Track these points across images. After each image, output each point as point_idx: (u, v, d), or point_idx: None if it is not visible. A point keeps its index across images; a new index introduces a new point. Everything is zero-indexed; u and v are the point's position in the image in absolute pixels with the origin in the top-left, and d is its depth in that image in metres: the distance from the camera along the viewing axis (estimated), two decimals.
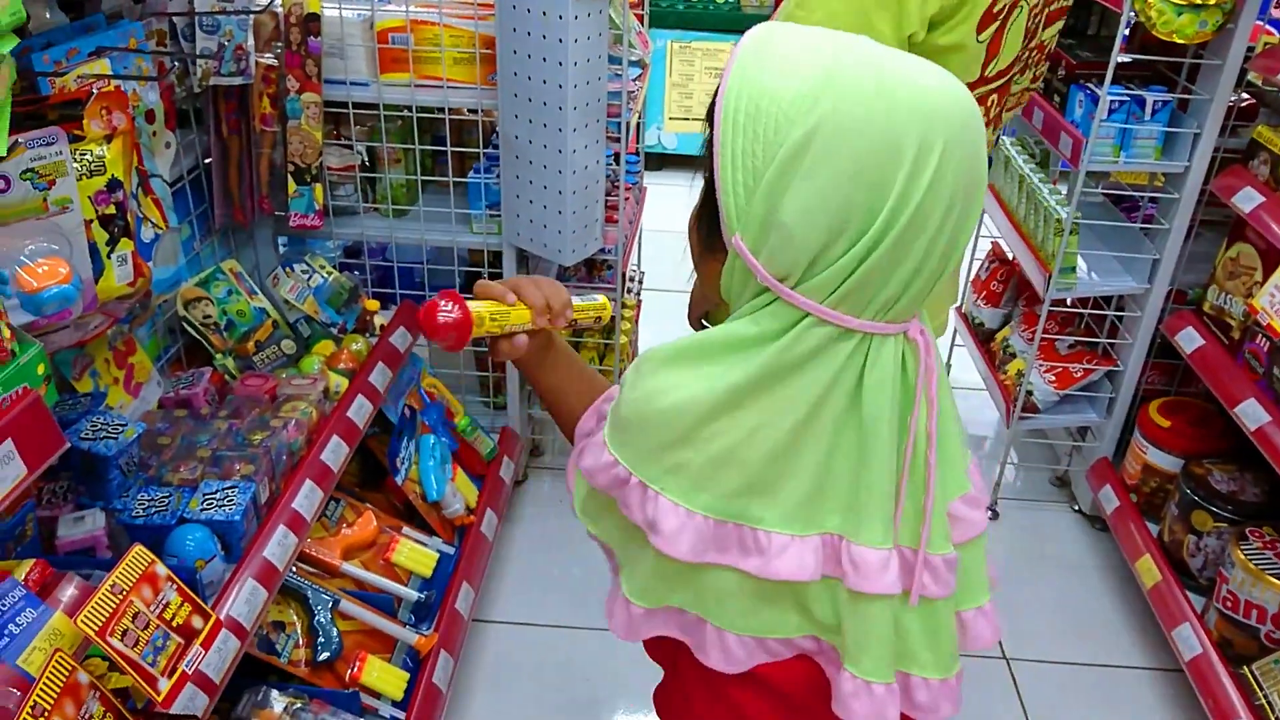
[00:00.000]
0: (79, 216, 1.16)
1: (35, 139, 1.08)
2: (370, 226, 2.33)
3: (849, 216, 0.74)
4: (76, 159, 1.19)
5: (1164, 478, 2.28)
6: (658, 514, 0.82)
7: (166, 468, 1.58)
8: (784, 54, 0.78)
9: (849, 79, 0.75)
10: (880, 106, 0.73)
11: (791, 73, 0.76)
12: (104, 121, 1.22)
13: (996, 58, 1.39)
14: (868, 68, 0.75)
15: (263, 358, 2.00)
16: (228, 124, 2.00)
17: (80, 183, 1.19)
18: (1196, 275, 2.35)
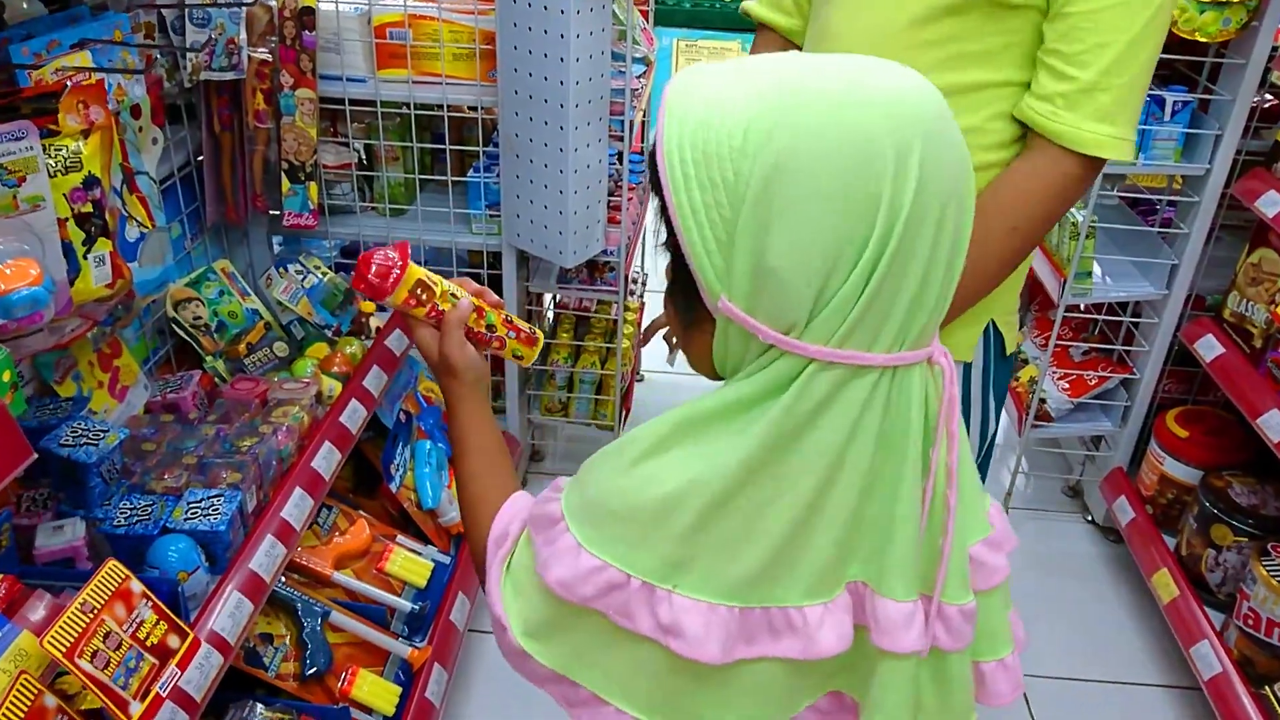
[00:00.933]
0: (52, 215, 1.11)
1: (3, 134, 1.02)
2: (367, 226, 2.28)
3: (842, 242, 0.66)
4: (51, 154, 1.14)
5: (1182, 489, 2.22)
6: (677, 616, 0.72)
7: (150, 475, 1.53)
8: (715, 88, 0.69)
9: (801, 96, 0.67)
10: (844, 118, 0.65)
11: (731, 105, 0.68)
12: (81, 116, 1.17)
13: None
14: (815, 79, 0.68)
15: (254, 360, 1.94)
16: (220, 120, 1.95)
17: (55, 179, 1.14)
18: (1216, 281, 2.28)
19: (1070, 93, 1.13)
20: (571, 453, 2.72)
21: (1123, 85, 1.13)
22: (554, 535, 0.77)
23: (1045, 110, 1.15)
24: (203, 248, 2.06)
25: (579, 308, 2.63)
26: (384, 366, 2.02)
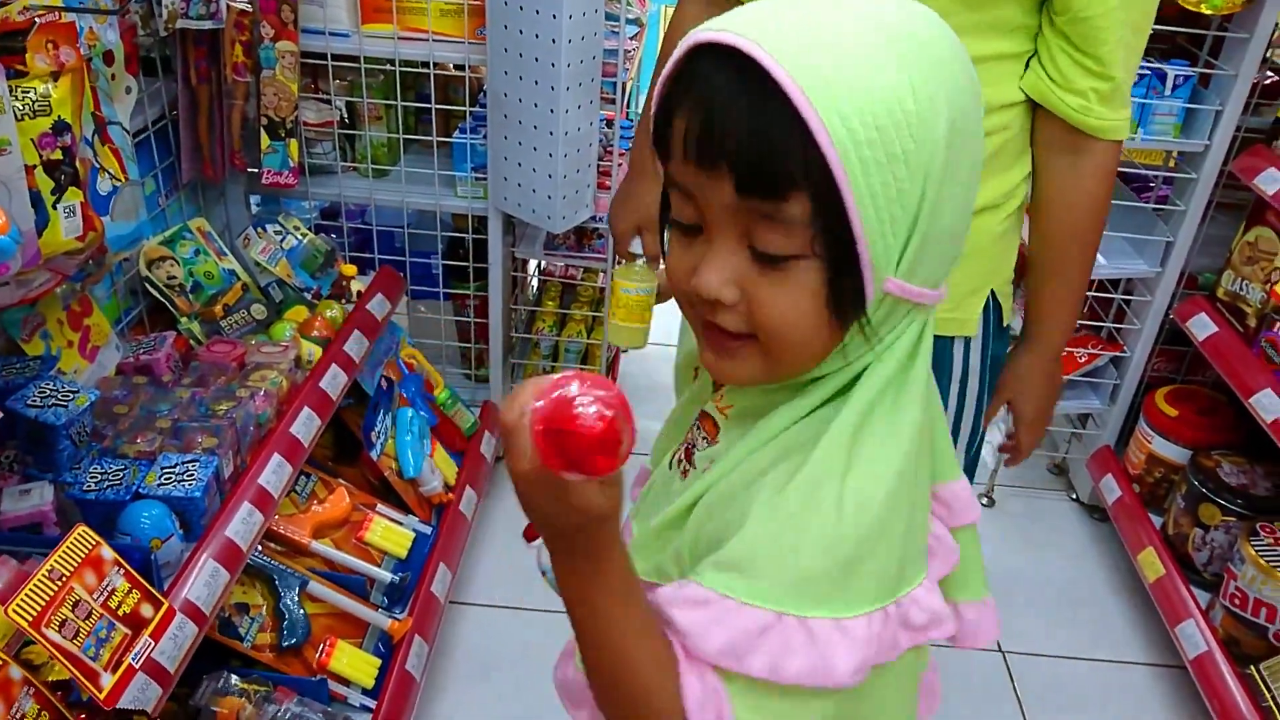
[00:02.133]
0: (19, 160, 1.04)
1: None
2: (349, 187, 2.21)
3: (976, 179, 0.68)
4: (18, 97, 1.07)
5: (1170, 468, 2.21)
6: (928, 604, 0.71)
7: (123, 438, 1.47)
8: (846, 48, 0.61)
9: (932, 49, 0.64)
10: (965, 67, 0.66)
11: (874, 66, 0.60)
12: (50, 57, 1.10)
13: None
14: (917, 26, 0.64)
15: (231, 322, 1.88)
16: (197, 72, 1.87)
17: (22, 123, 1.07)
18: (1210, 260, 2.26)
19: (1105, 90, 1.15)
20: None
21: (1134, 68, 1.18)
22: (790, 640, 0.64)
23: (1079, 105, 1.15)
24: (177, 205, 1.98)
25: (565, 275, 2.57)
26: (365, 331, 1.97)
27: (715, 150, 0.62)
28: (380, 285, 2.11)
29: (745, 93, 0.60)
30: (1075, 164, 1.20)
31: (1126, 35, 1.13)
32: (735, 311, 0.67)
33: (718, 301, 0.67)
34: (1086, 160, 1.20)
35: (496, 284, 2.26)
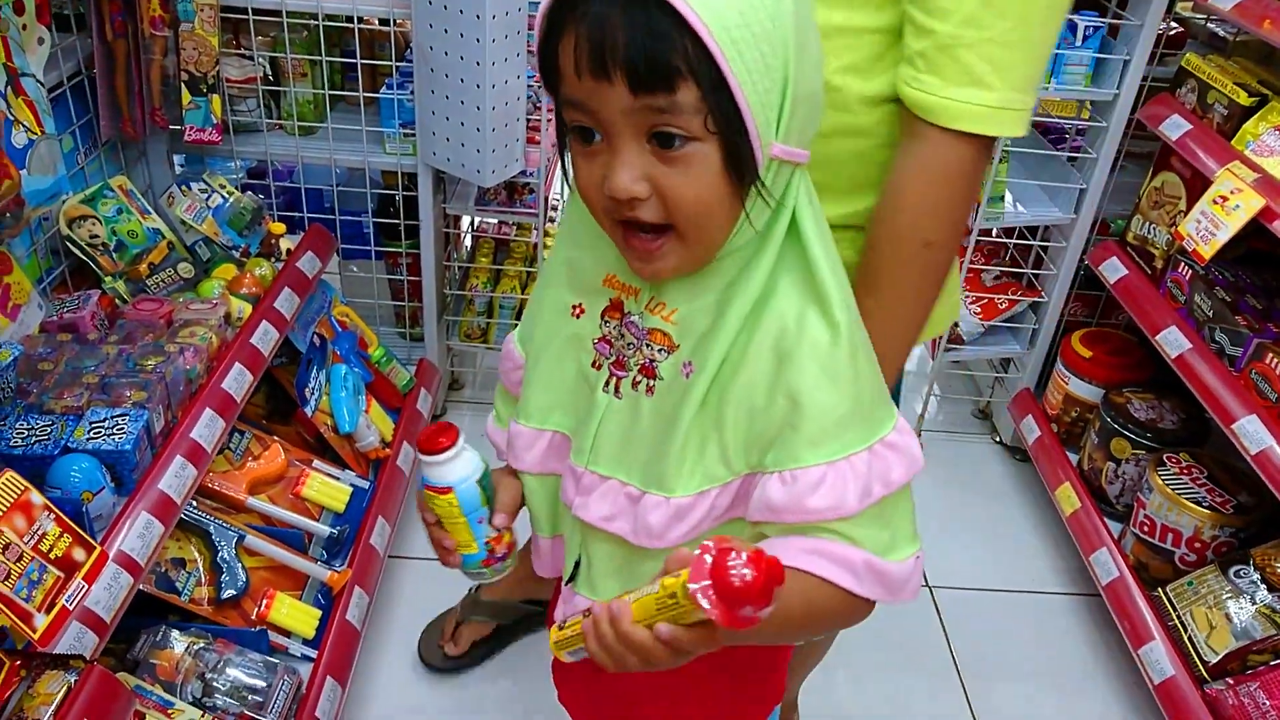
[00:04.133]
0: None
1: None
2: (275, 145, 2.19)
3: (817, 48, 0.76)
4: None
5: (1085, 407, 2.31)
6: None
7: (49, 394, 1.46)
8: None
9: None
10: None
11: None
12: None
13: None
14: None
15: (157, 281, 1.86)
16: (113, 26, 1.83)
17: None
18: (1121, 207, 2.35)
19: (929, 51, 0.94)
20: (490, 380, 2.68)
21: (992, 40, 0.92)
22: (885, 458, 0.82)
23: (908, 75, 0.96)
24: (97, 164, 1.95)
25: (498, 233, 2.58)
26: (296, 289, 1.96)
27: (609, 59, 0.69)
28: (310, 243, 2.09)
29: (627, 5, 0.68)
30: (907, 153, 0.99)
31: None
32: (650, 205, 0.75)
33: (633, 198, 0.74)
34: (918, 149, 0.98)
35: (428, 241, 2.25)
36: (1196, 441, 2.08)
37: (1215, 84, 1.97)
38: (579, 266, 0.92)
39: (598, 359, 0.90)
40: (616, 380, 0.89)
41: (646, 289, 0.86)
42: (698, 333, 0.83)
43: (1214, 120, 1.96)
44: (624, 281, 0.88)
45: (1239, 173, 1.78)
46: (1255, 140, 1.84)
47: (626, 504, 0.88)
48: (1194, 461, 1.96)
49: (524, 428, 0.97)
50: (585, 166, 0.77)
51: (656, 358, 0.86)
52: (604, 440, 0.90)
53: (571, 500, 0.93)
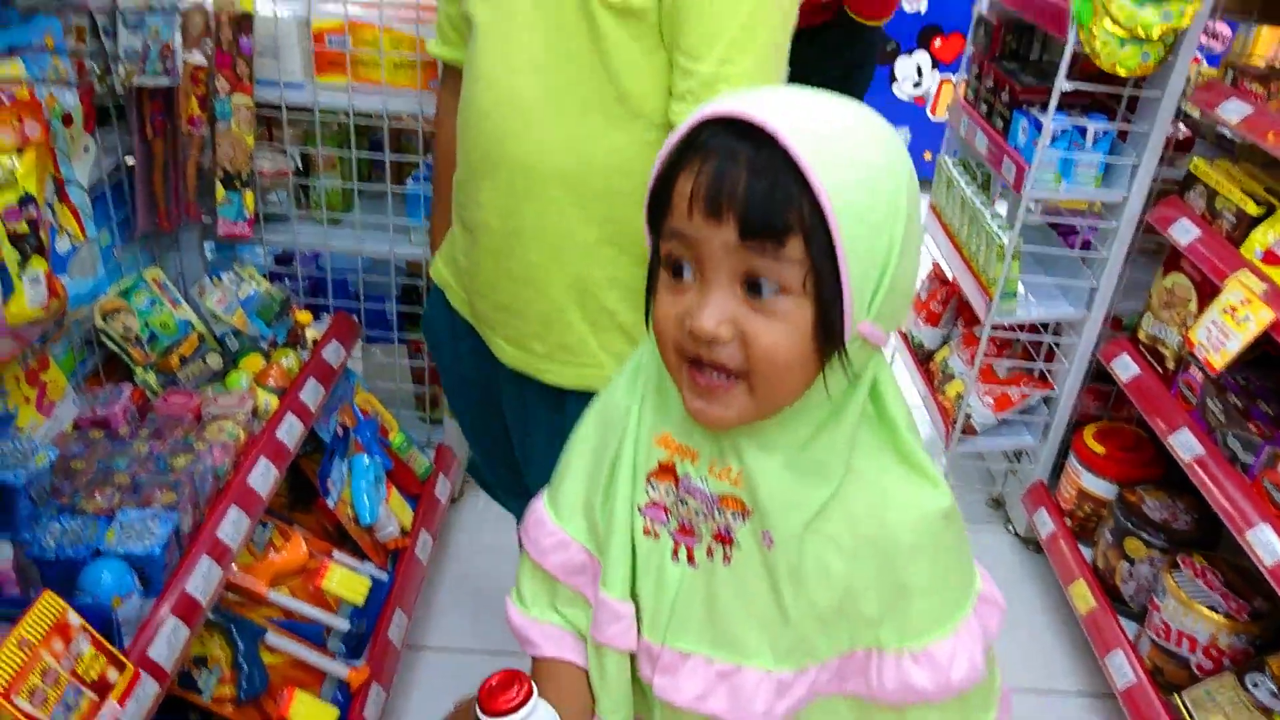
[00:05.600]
0: None
1: None
2: (304, 233, 2.24)
3: (918, 254, 0.79)
4: None
5: (1098, 503, 2.32)
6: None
7: (81, 495, 1.49)
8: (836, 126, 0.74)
9: (883, 130, 0.76)
10: (899, 143, 0.77)
11: (860, 142, 0.74)
12: (16, 131, 1.13)
13: None
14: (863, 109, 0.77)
15: (187, 373, 1.90)
16: (153, 125, 1.90)
17: None
18: (1133, 302, 2.38)
19: (696, 88, 1.13)
20: None
21: (745, 72, 1.12)
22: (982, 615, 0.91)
23: (681, 110, 1.15)
24: (133, 255, 2.00)
25: None
26: (321, 379, 1.99)
27: (725, 200, 0.72)
28: (335, 332, 2.14)
29: (754, 155, 0.71)
30: None
31: (721, 25, 1.10)
32: (729, 349, 0.75)
33: (714, 340, 0.75)
34: None
35: None
36: (1210, 543, 2.08)
37: (1223, 190, 2.01)
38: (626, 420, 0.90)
39: (650, 526, 0.88)
40: (688, 548, 0.86)
41: (707, 450, 0.84)
42: (773, 498, 0.81)
43: (1223, 227, 2.00)
44: (680, 442, 0.86)
45: (1248, 283, 1.81)
46: (1264, 249, 1.88)
47: (718, 681, 0.85)
48: (1208, 564, 1.97)
49: (612, 600, 0.89)
50: (668, 299, 0.78)
51: (732, 524, 0.83)
52: (682, 613, 0.86)
53: (651, 679, 0.88)
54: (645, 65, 1.17)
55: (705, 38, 1.11)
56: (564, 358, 1.36)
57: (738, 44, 1.11)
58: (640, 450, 0.88)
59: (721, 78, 1.12)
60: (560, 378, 1.37)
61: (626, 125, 1.21)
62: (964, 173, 2.63)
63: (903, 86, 4.73)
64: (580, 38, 1.16)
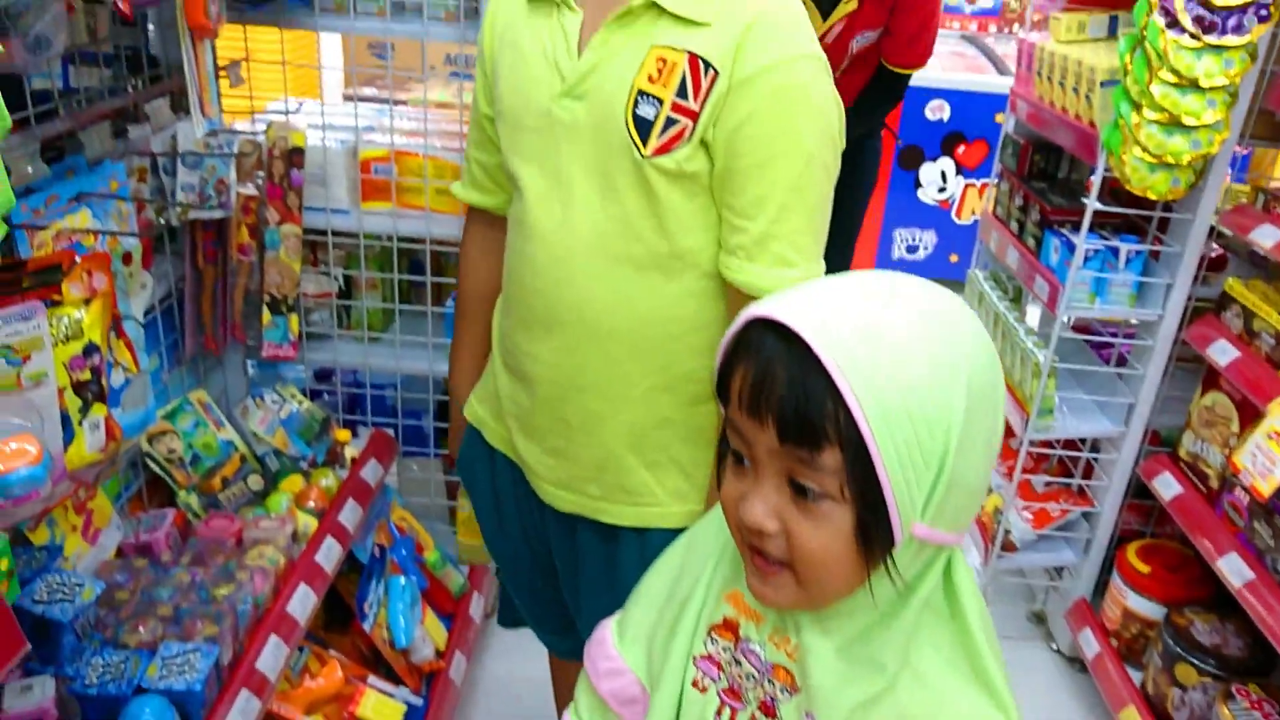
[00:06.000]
0: (53, 389, 1.11)
1: (13, 314, 1.03)
2: (344, 352, 2.28)
3: (996, 443, 0.78)
4: (53, 325, 1.14)
5: (1145, 624, 2.26)
6: None
7: (124, 627, 1.49)
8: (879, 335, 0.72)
9: (956, 328, 0.75)
10: (985, 344, 0.76)
11: (906, 350, 0.72)
12: (85, 285, 1.17)
13: None
14: (946, 310, 0.76)
15: (228, 495, 1.92)
16: (204, 253, 1.96)
17: (55, 349, 1.14)
18: (1172, 417, 2.36)
19: (748, 245, 1.19)
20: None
21: (794, 230, 1.18)
22: None
23: (734, 264, 1.21)
24: (179, 377, 2.04)
25: None
26: (359, 499, 2.01)
27: (763, 404, 0.74)
28: (374, 450, 2.16)
29: (790, 361, 0.72)
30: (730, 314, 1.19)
31: (772, 189, 1.15)
32: (776, 540, 0.77)
33: (760, 531, 0.77)
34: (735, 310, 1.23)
35: None
36: (1265, 669, 2.02)
37: (1260, 312, 2.02)
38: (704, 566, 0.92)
39: (700, 679, 0.89)
40: (732, 711, 0.87)
41: (772, 618, 0.85)
42: (822, 683, 0.80)
43: (1262, 348, 1.99)
44: (750, 604, 0.87)
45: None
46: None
47: None
48: (1264, 695, 1.90)
49: None
50: (732, 482, 0.81)
51: (779, 697, 0.84)
52: None
53: None
54: (698, 222, 1.22)
55: (756, 201, 1.16)
56: (621, 498, 1.37)
57: (787, 206, 1.17)
58: (710, 600, 0.90)
59: (771, 235, 1.17)
60: (618, 518, 1.38)
61: (680, 276, 1.24)
62: (995, 286, 2.64)
63: (928, 191, 4.80)
64: (635, 200, 1.19)
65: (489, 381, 1.50)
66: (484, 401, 1.52)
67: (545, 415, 1.35)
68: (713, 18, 1.14)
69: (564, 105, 1.22)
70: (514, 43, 1.29)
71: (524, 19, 1.28)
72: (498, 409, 1.46)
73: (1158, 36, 1.86)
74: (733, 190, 1.17)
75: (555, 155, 1.25)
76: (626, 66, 1.17)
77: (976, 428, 0.73)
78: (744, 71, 1.13)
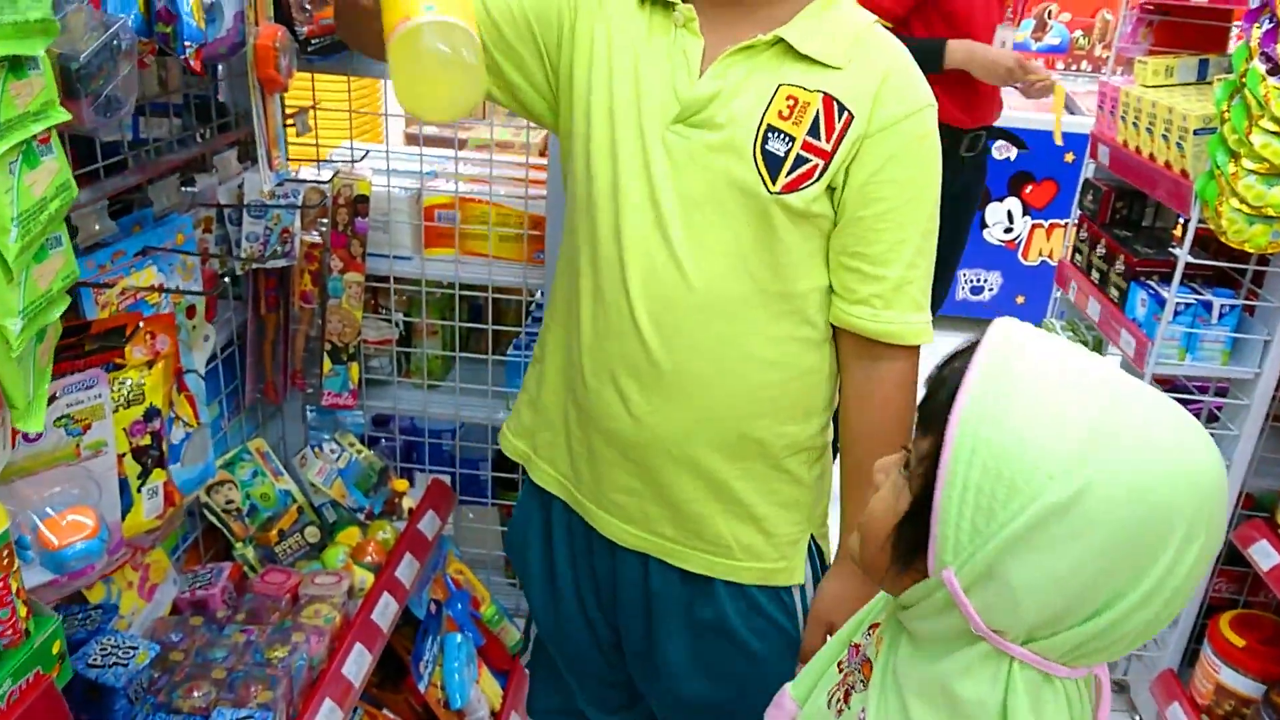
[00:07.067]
0: (113, 457, 1.07)
1: (75, 384, 0.99)
2: (403, 399, 2.25)
3: (1094, 593, 0.67)
4: (115, 389, 1.11)
5: (1241, 701, 2.12)
6: None
7: (177, 691, 1.45)
8: (1038, 388, 0.69)
9: (1121, 438, 0.67)
10: (1154, 477, 0.66)
11: (1050, 416, 0.68)
12: (147, 347, 1.14)
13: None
14: (1138, 421, 0.68)
15: (285, 548, 1.88)
16: (266, 301, 1.94)
17: (115, 414, 1.11)
18: (1269, 479, 2.23)
19: (885, 292, 1.18)
20: None
21: (923, 273, 1.20)
22: None
23: (866, 314, 1.19)
24: (238, 425, 2.02)
25: None
26: (416, 553, 1.96)
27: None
28: (431, 501, 2.11)
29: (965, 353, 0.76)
30: (872, 372, 1.23)
31: (907, 235, 1.16)
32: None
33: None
34: (883, 367, 1.22)
35: None
36: None
37: None
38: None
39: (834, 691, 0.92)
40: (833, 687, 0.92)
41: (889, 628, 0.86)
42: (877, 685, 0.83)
43: None
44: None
45: None
46: None
47: None
48: None
49: None
50: None
51: (857, 686, 0.88)
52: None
53: None
54: (810, 266, 1.20)
55: (893, 247, 1.16)
56: (695, 544, 1.32)
57: (920, 251, 1.18)
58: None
59: (907, 280, 1.18)
60: (685, 561, 1.33)
61: (782, 320, 1.22)
62: (1074, 337, 2.54)
63: (994, 232, 4.69)
64: (751, 235, 1.16)
65: (534, 411, 1.45)
66: (520, 435, 1.48)
67: (623, 459, 1.30)
68: (844, 62, 1.14)
69: (677, 131, 1.17)
70: (626, 48, 1.20)
71: (637, 25, 1.21)
72: (551, 443, 1.40)
73: (1258, 83, 1.77)
74: (865, 239, 1.17)
75: (649, 179, 1.18)
76: (754, 100, 1.14)
77: (1063, 537, 0.66)
78: (882, 119, 1.13)
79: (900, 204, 1.15)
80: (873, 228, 1.16)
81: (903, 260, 1.17)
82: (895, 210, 1.15)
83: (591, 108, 1.23)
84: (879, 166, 1.13)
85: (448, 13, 0.86)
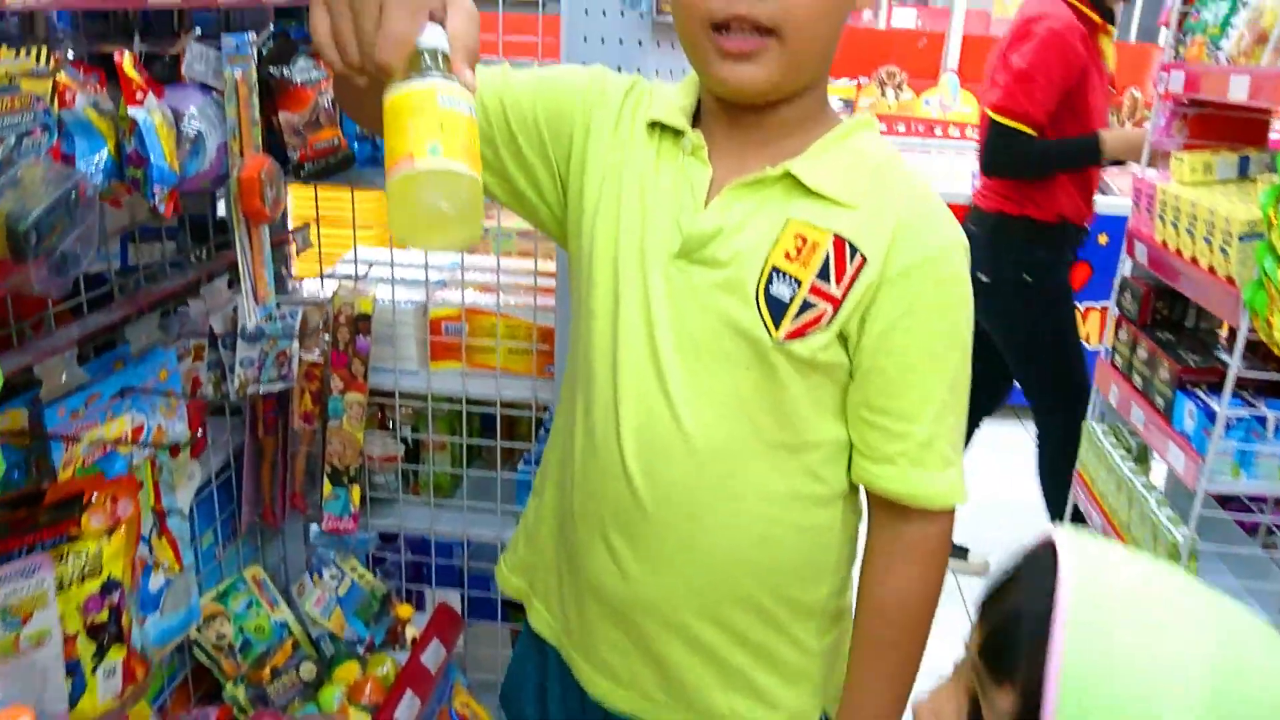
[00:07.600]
0: (58, 645, 0.98)
1: (14, 571, 0.91)
2: (409, 516, 2.15)
3: None
4: (69, 563, 1.02)
5: None
6: None
7: None
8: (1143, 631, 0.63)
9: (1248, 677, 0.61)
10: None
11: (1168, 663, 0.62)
12: (106, 514, 1.06)
13: None
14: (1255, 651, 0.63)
15: (278, 687, 1.78)
16: (265, 423, 1.87)
17: (67, 591, 1.02)
18: None
19: (911, 450, 1.08)
20: None
21: (950, 427, 1.09)
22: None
23: (892, 474, 1.08)
24: (234, 551, 1.93)
25: None
26: (418, 690, 1.84)
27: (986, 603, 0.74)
28: (437, 629, 2.00)
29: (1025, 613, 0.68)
30: (899, 535, 1.12)
31: (933, 387, 1.07)
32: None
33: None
34: (912, 532, 1.11)
35: None
36: None
37: None
38: None
39: None
40: None
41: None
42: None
43: None
44: None
45: None
46: None
47: None
48: None
49: None
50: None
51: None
52: None
53: None
54: (817, 418, 1.09)
55: (921, 399, 1.06)
56: (683, 713, 1.20)
57: (947, 404, 1.08)
58: None
59: (936, 435, 1.08)
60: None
61: (786, 475, 1.11)
62: (1117, 444, 2.40)
63: None
64: (751, 385, 1.07)
65: (521, 549, 1.35)
66: (517, 571, 1.37)
67: (612, 615, 1.18)
68: (859, 200, 1.04)
69: (679, 266, 1.08)
70: (634, 173, 1.12)
71: (647, 150, 1.13)
72: (546, 584, 1.30)
73: None
74: (887, 392, 1.06)
75: (649, 313, 1.09)
76: (759, 238, 1.05)
77: None
78: (901, 263, 1.03)
79: (926, 355, 1.05)
80: (896, 380, 1.06)
81: (929, 415, 1.07)
82: (920, 362, 1.05)
83: (596, 230, 1.15)
84: (899, 315, 1.03)
85: (453, 157, 0.79)
